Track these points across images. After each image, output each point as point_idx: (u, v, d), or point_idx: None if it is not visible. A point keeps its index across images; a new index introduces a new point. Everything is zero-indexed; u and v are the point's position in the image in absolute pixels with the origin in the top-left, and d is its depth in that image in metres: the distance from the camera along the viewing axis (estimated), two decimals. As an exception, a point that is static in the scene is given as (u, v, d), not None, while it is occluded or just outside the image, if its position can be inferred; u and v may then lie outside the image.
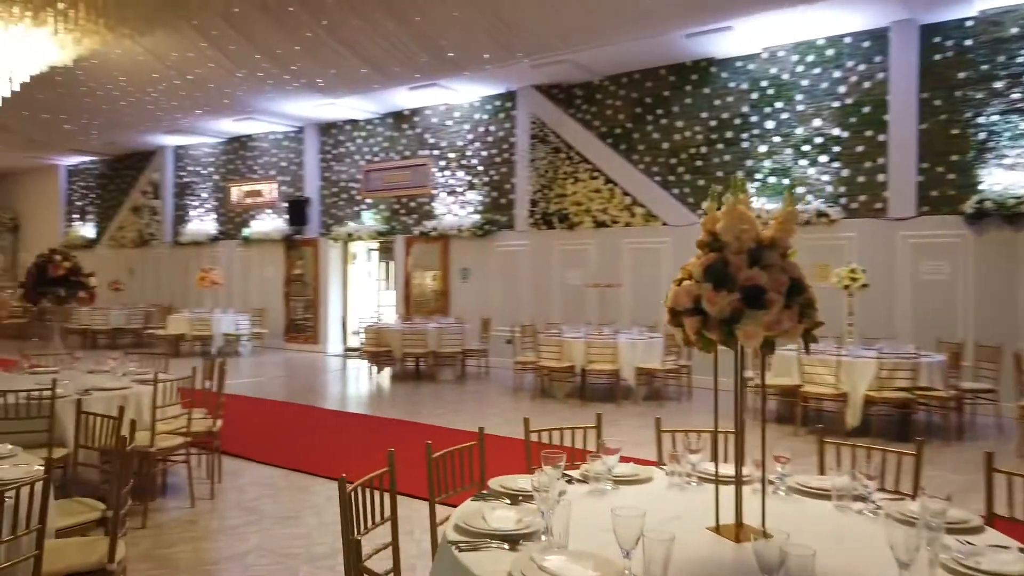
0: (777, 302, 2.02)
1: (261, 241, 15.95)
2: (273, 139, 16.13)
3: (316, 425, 8.17)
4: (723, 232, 2.12)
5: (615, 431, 7.53)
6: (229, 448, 6.68)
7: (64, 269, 7.32)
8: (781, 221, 2.16)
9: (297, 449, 6.89)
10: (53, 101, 14.75)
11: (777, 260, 2.10)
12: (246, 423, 8.15)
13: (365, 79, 11.96)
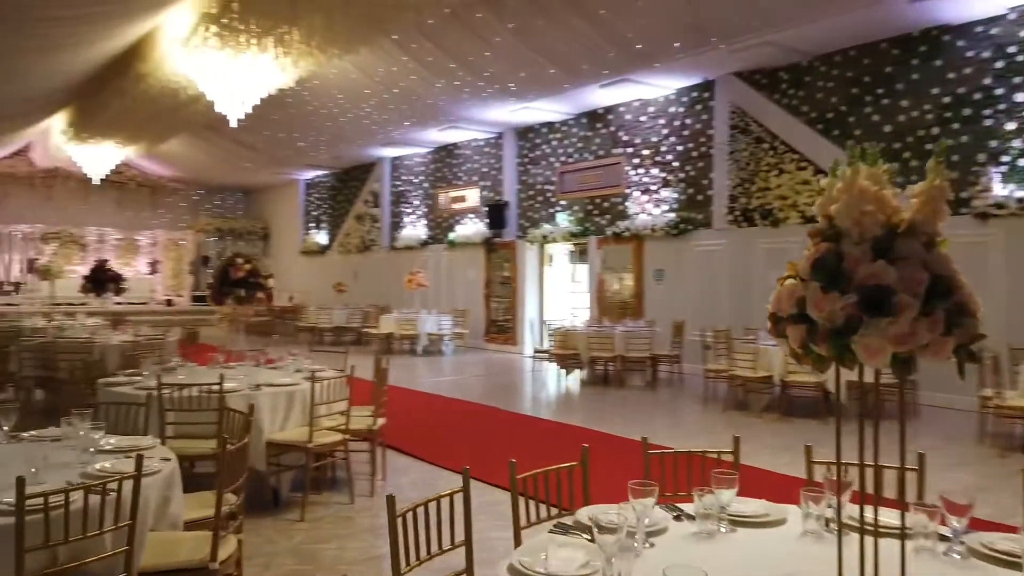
0: (909, 307, 1.48)
1: (464, 245, 16.51)
2: (475, 146, 16.63)
3: (495, 427, 8.16)
4: (839, 215, 1.62)
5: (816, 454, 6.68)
6: (402, 446, 6.84)
7: (244, 271, 7.98)
8: (923, 200, 1.60)
9: (469, 451, 6.88)
10: (286, 121, 16.38)
11: (917, 251, 1.55)
12: (425, 421, 8.36)
13: (554, 80, 11.87)
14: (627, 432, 7.47)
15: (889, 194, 1.64)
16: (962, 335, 1.53)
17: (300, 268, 23.00)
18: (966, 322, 1.53)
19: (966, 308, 1.53)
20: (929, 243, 1.59)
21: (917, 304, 1.49)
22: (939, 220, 1.60)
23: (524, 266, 15.27)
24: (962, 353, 1.56)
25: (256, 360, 6.02)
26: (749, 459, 6.43)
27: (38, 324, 10.54)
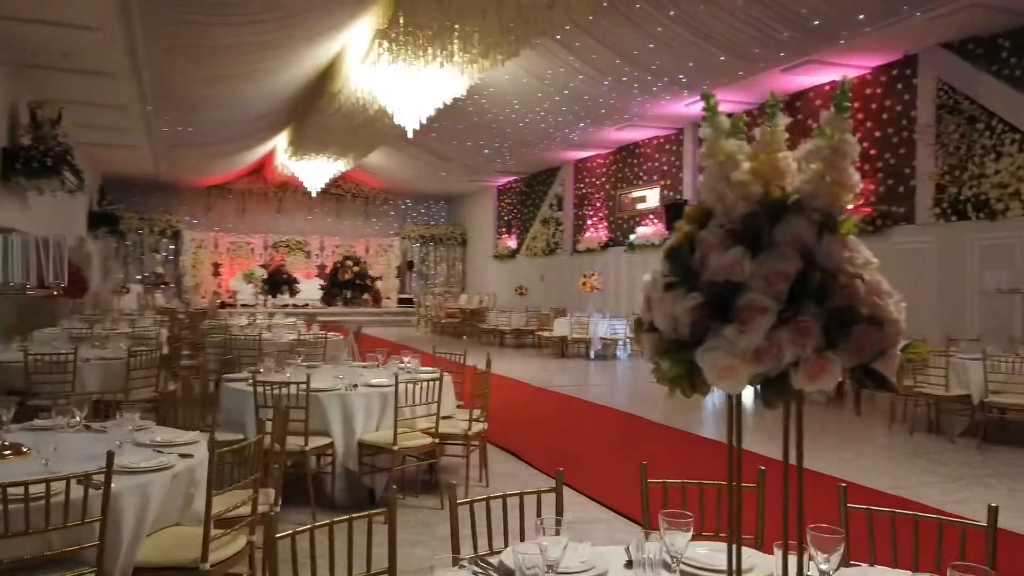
0: (762, 311, 1.05)
1: (643, 247, 15.99)
2: (656, 143, 16.06)
3: (634, 437, 7.71)
4: (702, 188, 1.20)
5: (1004, 495, 5.59)
6: (519, 451, 6.66)
7: (352, 273, 8.23)
8: (818, 166, 1.15)
9: (589, 465, 6.54)
10: (471, 130, 16.91)
11: (796, 236, 1.10)
12: (554, 427, 8.10)
13: (726, 67, 11.06)
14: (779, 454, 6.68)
15: (785, 162, 1.19)
16: (855, 353, 1.06)
17: (493, 271, 23.68)
18: (862, 335, 1.05)
19: (856, 315, 1.06)
20: (825, 225, 1.12)
21: (774, 307, 1.05)
22: (841, 193, 1.13)
23: (705, 268, 14.42)
24: (860, 376, 1.08)
25: (381, 360, 6.15)
26: (920, 492, 5.49)
27: (242, 323, 11.72)
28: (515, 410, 9.13)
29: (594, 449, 7.13)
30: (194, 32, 9.58)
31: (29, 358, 5.82)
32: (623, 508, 5.08)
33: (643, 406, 9.42)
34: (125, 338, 8.58)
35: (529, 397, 10.14)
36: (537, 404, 9.65)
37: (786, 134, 1.24)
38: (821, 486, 5.69)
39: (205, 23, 9.21)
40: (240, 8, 8.85)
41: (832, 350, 1.05)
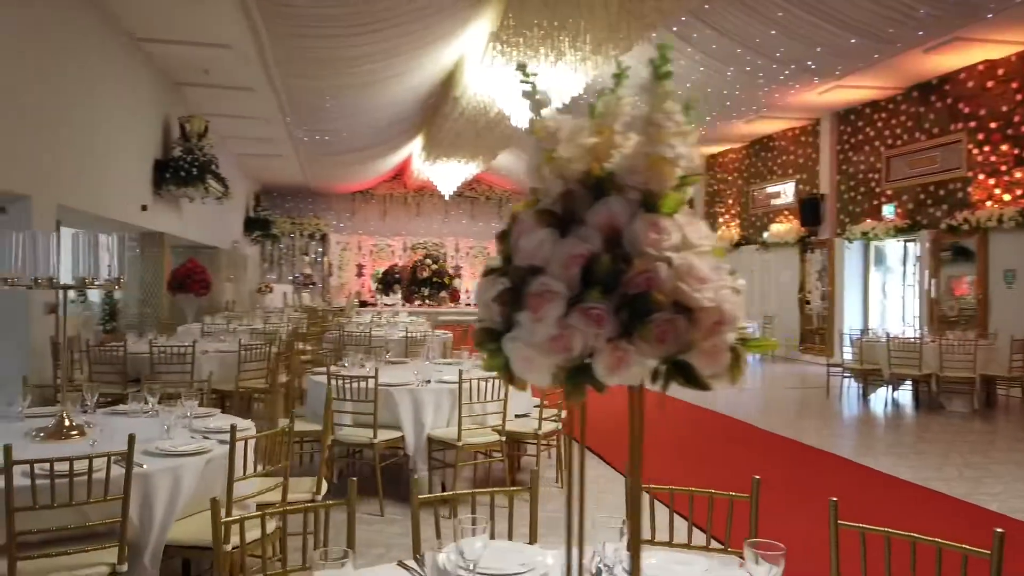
0: (550, 297, 0.95)
1: (777, 245, 15.17)
2: (790, 136, 15.19)
3: (746, 446, 7.32)
4: (527, 169, 1.11)
5: None
6: (607, 455, 6.50)
7: (429, 271, 8.25)
8: (639, 136, 1.02)
9: (674, 471, 6.27)
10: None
11: (604, 214, 0.98)
12: (659, 435, 7.82)
13: (859, 50, 10.25)
14: (916, 475, 6.06)
15: (625, 137, 1.08)
16: (656, 344, 0.93)
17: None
18: (663, 324, 0.92)
19: (656, 302, 0.93)
20: (645, 203, 1.00)
21: (565, 293, 0.95)
22: (664, 168, 1.00)
23: (842, 267, 13.46)
24: (669, 371, 0.95)
25: (465, 357, 6.22)
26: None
27: (365, 320, 12.28)
28: (613, 412, 8.95)
29: (686, 456, 6.84)
30: (317, 45, 10.14)
31: (154, 349, 6.39)
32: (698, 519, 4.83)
33: (756, 413, 8.93)
34: (252, 334, 9.23)
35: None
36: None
37: (629, 105, 1.12)
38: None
39: (324, 35, 9.72)
40: (354, 20, 9.26)
41: (628, 340, 0.93)
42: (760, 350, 1.04)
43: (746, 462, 6.56)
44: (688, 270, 0.94)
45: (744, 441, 7.46)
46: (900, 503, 5.35)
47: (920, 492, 5.55)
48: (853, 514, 2.23)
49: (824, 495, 5.35)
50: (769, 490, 5.52)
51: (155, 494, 2.71)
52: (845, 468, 6.27)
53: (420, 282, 8.95)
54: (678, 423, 8.29)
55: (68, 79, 7.75)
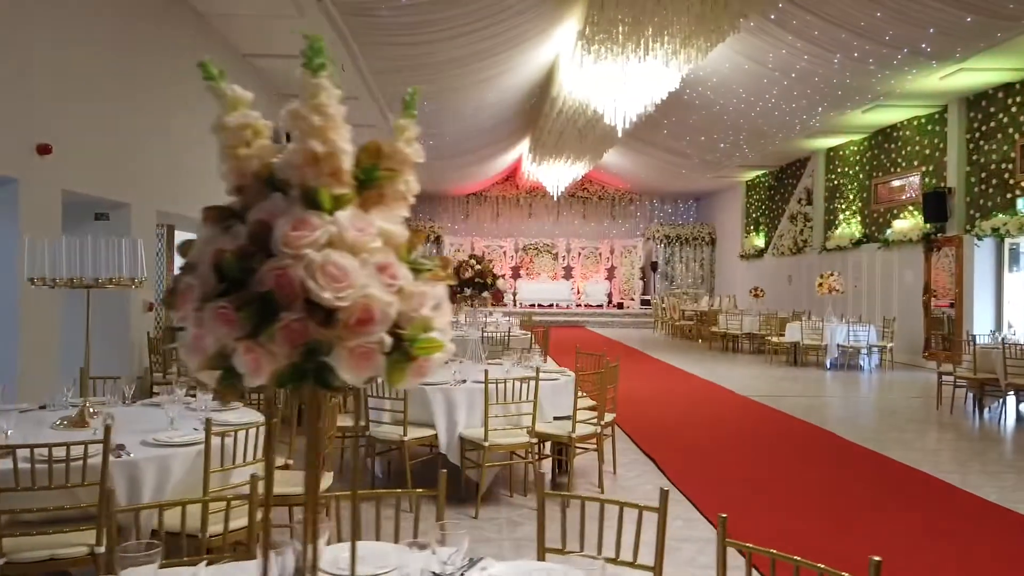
0: (186, 293, 0.93)
1: (900, 243, 14.07)
2: (915, 125, 14.06)
3: (811, 460, 6.85)
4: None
5: None
6: (664, 461, 6.26)
7: (472, 272, 8.15)
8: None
9: (743, 491, 5.94)
10: (704, 124, 16.25)
11: (272, 212, 0.95)
12: (710, 437, 7.45)
13: (979, 29, 9.31)
14: (1003, 496, 5.47)
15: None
16: (284, 344, 0.89)
17: (740, 272, 22.45)
18: (289, 325, 0.88)
19: (282, 301, 0.88)
20: (308, 200, 0.96)
21: (196, 288, 0.93)
22: (320, 163, 0.96)
23: (972, 266, 12.30)
24: (305, 373, 0.90)
25: (515, 359, 6.19)
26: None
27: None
28: (681, 415, 8.64)
29: (750, 467, 6.48)
30: (406, 50, 10.44)
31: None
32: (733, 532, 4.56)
33: (844, 422, 8.33)
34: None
35: (712, 402, 9.49)
36: (714, 409, 9.01)
37: (335, 96, 1.07)
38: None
39: (411, 43, 9.99)
40: (438, 25, 9.46)
41: (255, 340, 0.89)
42: (427, 352, 0.97)
43: (816, 472, 6.14)
44: (321, 267, 0.90)
45: (819, 449, 6.97)
46: (969, 522, 4.82)
47: (998, 511, 4.97)
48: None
49: (892, 511, 4.91)
50: (830, 501, 5.16)
51: (143, 480, 2.89)
52: (924, 483, 5.72)
53: (463, 283, 9.04)
54: (757, 428, 7.88)
55: (170, 94, 8.39)
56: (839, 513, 5.03)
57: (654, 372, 12.56)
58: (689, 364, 13.37)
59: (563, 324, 22.89)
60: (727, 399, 9.86)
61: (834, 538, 4.51)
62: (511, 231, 26.39)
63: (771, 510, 5.09)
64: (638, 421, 8.03)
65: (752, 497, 5.40)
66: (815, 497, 5.41)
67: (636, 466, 6.19)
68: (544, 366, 5.74)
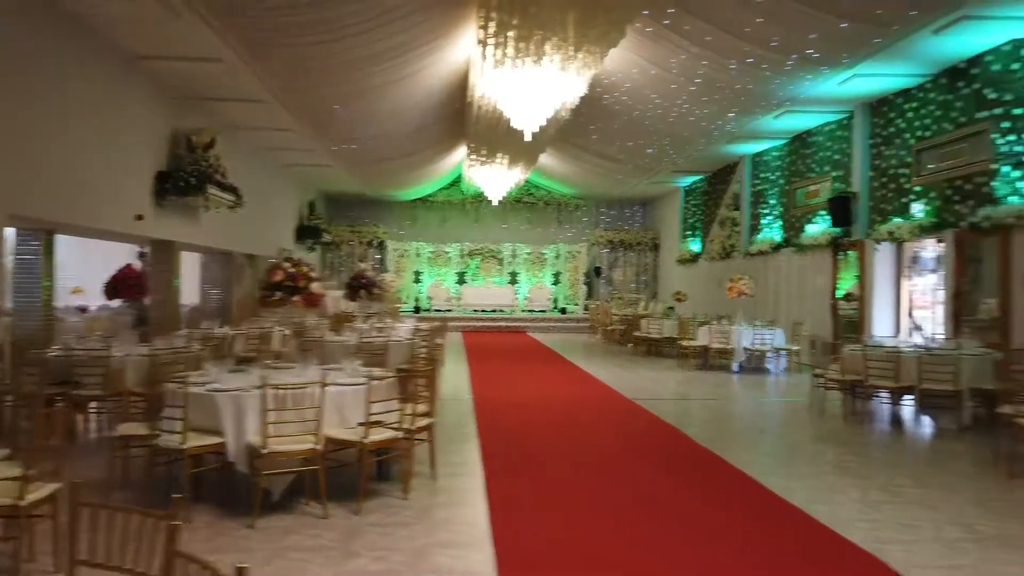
0: None
1: (812, 247, 14.23)
2: (828, 131, 14.23)
3: (646, 460, 6.88)
4: None
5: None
6: (497, 468, 6.24)
7: (282, 275, 8.15)
8: None
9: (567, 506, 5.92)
10: (628, 129, 16.31)
11: None
12: (563, 440, 7.46)
13: (856, 35, 9.45)
14: (808, 497, 5.51)
15: None
16: None
17: (677, 277, 22.59)
18: None
19: None
20: None
21: None
22: None
23: (872, 270, 12.46)
24: None
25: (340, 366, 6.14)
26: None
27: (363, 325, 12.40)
28: (553, 419, 8.64)
29: (579, 470, 6.48)
30: (302, 53, 10.37)
31: (78, 352, 6.70)
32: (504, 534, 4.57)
33: (708, 428, 8.36)
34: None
35: (594, 406, 9.52)
36: (590, 414, 9.04)
37: None
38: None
39: (302, 44, 9.93)
40: (324, 26, 9.40)
41: None
42: None
43: (641, 476, 6.16)
44: None
45: (660, 452, 7.00)
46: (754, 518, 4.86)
47: (792, 512, 4.99)
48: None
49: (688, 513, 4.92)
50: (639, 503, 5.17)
51: None
52: (738, 485, 5.74)
53: (273, 286, 9.04)
54: (617, 430, 7.91)
55: (63, 100, 8.39)
56: (630, 517, 5.02)
57: (558, 376, 12.59)
58: (600, 368, 13.40)
59: (505, 330, 22.91)
60: (611, 402, 9.90)
61: (601, 542, 4.48)
62: (457, 236, 26.36)
63: (558, 511, 5.07)
64: (506, 424, 8.04)
65: (554, 498, 5.37)
66: (619, 501, 5.38)
67: (466, 467, 6.16)
68: (362, 371, 5.69)
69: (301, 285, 9.66)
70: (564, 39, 10.16)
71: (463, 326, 22.29)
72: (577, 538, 4.51)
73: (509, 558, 4.15)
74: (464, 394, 10.13)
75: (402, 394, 5.45)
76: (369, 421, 4.94)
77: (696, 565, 4.14)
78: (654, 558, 4.21)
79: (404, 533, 4.55)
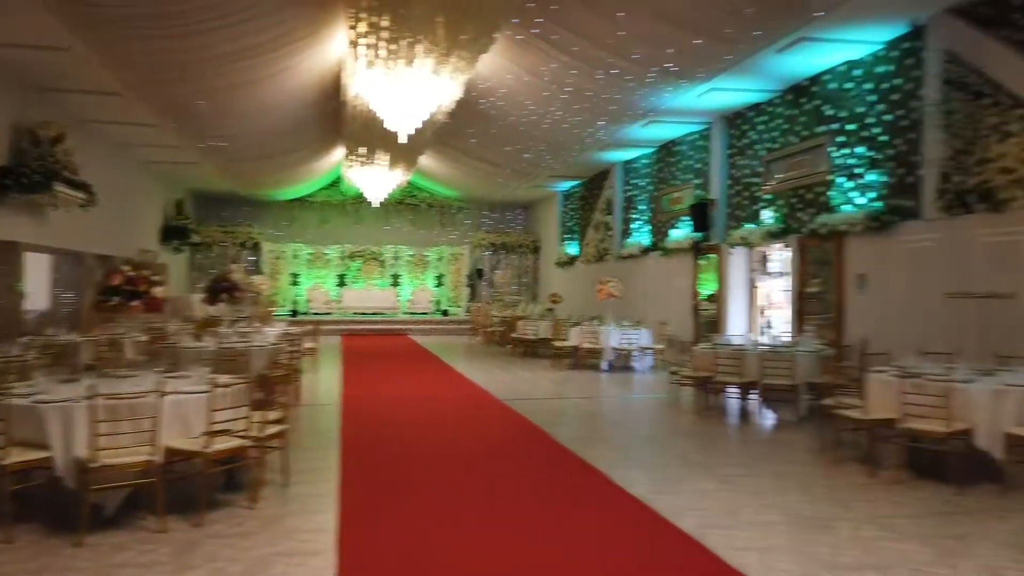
0: None
1: (676, 251, 14.95)
2: (690, 140, 14.99)
3: (529, 460, 7.06)
4: None
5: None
6: (354, 473, 6.23)
7: (121, 279, 8.08)
8: None
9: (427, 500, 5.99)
10: (506, 134, 16.48)
11: None
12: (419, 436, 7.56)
13: (709, 52, 10.03)
14: (677, 504, 5.80)
15: None
16: None
17: (557, 279, 23.12)
18: None
19: None
20: None
21: None
22: None
23: (729, 273, 13.24)
24: None
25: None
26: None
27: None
28: (424, 419, 8.69)
29: (436, 470, 6.58)
30: (155, 46, 9.90)
31: None
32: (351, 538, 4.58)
33: (579, 432, 8.64)
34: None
35: (465, 406, 9.66)
36: (459, 413, 9.17)
37: None
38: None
39: (155, 36, 9.49)
40: (176, 19, 9.03)
41: None
42: None
43: (495, 472, 6.32)
44: None
45: (517, 449, 7.20)
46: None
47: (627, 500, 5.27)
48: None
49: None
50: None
51: None
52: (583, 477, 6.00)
53: (110, 290, 8.76)
54: (481, 429, 8.06)
55: None
56: (482, 519, 5.14)
57: (432, 379, 12.63)
58: (475, 370, 13.54)
59: (386, 332, 22.70)
60: (481, 403, 10.04)
61: (449, 548, 4.56)
62: (337, 238, 25.87)
63: (412, 516, 5.11)
64: (372, 428, 8.00)
65: (410, 503, 5.40)
66: (475, 504, 5.48)
67: (323, 473, 6.10)
68: (208, 378, 5.52)
69: (142, 289, 9.21)
70: (435, 43, 10.22)
71: (343, 329, 21.92)
72: (426, 544, 4.56)
73: (352, 566, 4.16)
74: (333, 399, 9.99)
75: (253, 401, 5.34)
76: (212, 430, 4.81)
77: (529, 563, 4.28)
78: (494, 560, 4.32)
79: (246, 543, 4.46)
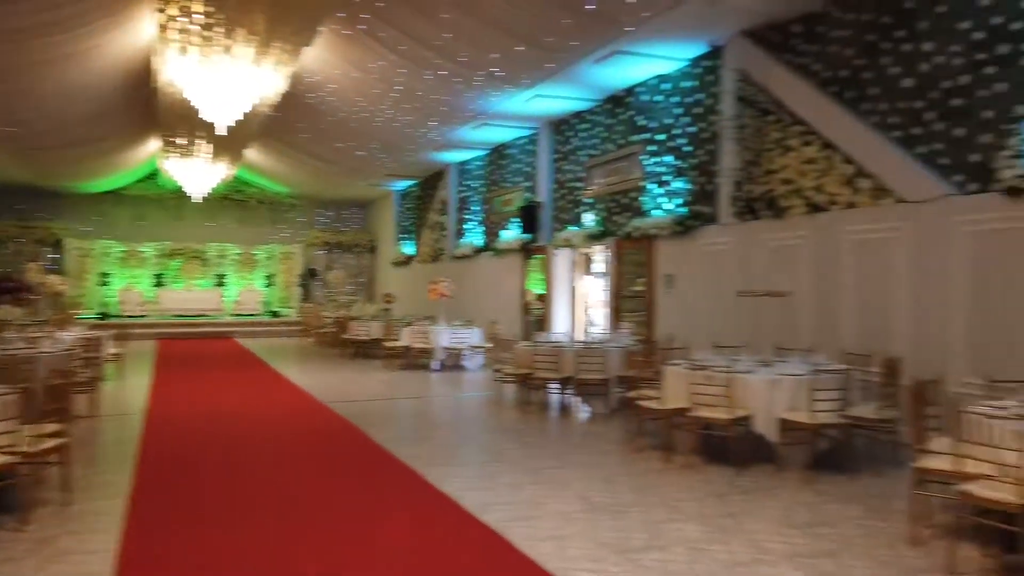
0: None
1: (506, 251, 15.29)
2: (520, 144, 15.39)
3: (336, 457, 6.95)
4: None
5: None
6: (149, 488, 5.88)
7: None
8: None
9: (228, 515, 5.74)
10: (336, 131, 16.09)
11: None
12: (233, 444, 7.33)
13: (531, 59, 10.37)
14: (489, 495, 5.90)
15: None
16: None
17: (393, 278, 22.93)
18: None
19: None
20: None
21: None
22: None
23: (555, 274, 13.73)
24: None
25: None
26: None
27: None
28: (242, 425, 8.36)
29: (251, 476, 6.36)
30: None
31: None
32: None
33: (399, 432, 8.63)
34: None
35: (287, 410, 9.40)
36: (281, 416, 8.92)
37: None
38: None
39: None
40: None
41: None
42: None
43: (305, 475, 6.20)
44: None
45: (331, 451, 7.11)
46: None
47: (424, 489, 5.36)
48: None
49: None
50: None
51: None
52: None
53: None
54: (297, 431, 7.86)
55: None
56: (284, 527, 5.01)
57: (254, 384, 12.11)
58: (302, 373, 13.14)
59: (209, 336, 21.43)
60: (301, 407, 9.75)
61: (243, 562, 4.41)
62: (155, 235, 24.14)
63: (207, 529, 4.90)
64: (177, 439, 7.55)
65: (206, 515, 5.14)
66: (277, 512, 5.31)
67: (114, 488, 5.67)
68: None
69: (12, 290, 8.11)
70: (253, 32, 9.81)
71: (160, 333, 20.48)
72: (217, 555, 4.37)
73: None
74: (137, 408, 9.30)
75: (26, 413, 4.87)
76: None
77: (325, 567, 4.22)
78: (288, 569, 4.21)
79: (8, 570, 4.06)
